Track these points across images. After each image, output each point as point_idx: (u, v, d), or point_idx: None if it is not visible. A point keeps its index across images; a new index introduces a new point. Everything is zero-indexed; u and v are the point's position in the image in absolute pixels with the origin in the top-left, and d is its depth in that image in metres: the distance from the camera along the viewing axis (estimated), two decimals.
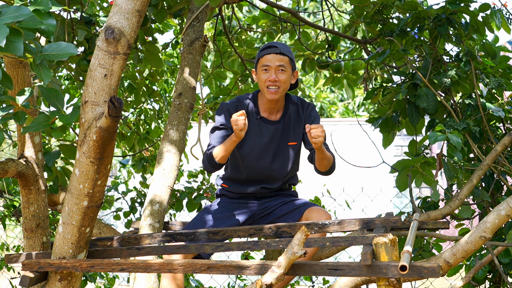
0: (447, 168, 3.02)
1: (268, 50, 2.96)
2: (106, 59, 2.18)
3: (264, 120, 3.02)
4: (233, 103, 3.03)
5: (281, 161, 3.04)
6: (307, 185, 4.43)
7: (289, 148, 3.04)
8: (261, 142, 3.01)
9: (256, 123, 3.01)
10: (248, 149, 3.00)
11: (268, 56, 2.95)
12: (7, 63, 2.71)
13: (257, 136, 3.00)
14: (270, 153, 3.02)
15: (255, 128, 3.01)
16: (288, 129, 3.03)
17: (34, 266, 2.51)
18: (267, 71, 2.94)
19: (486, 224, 2.47)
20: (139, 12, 2.18)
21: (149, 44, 3.94)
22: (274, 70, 2.93)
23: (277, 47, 2.96)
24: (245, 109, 3.01)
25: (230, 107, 3.00)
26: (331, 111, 16.00)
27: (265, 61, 2.95)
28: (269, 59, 2.94)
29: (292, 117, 3.04)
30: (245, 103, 3.03)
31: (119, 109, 2.15)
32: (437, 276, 2.20)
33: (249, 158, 3.01)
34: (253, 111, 3.02)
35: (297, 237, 2.20)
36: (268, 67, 2.94)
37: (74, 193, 2.35)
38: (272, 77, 2.92)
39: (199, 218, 3.03)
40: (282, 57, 2.95)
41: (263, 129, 3.01)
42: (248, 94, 3.10)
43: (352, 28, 4.21)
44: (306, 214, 2.98)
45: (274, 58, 2.94)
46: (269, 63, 2.94)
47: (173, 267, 2.42)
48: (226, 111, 2.99)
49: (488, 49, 3.39)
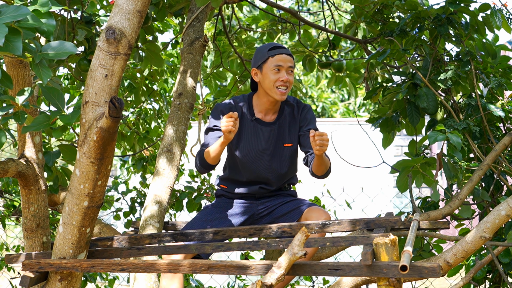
0: (447, 168, 3.02)
1: (280, 50, 2.94)
2: (107, 59, 2.18)
3: (259, 122, 3.01)
4: (227, 105, 3.01)
5: (277, 163, 3.03)
6: (307, 185, 4.43)
7: (284, 150, 3.03)
8: (257, 144, 3.00)
9: (251, 124, 3.00)
10: (244, 151, 3.00)
11: (280, 56, 2.93)
12: (7, 62, 2.71)
13: (252, 138, 2.99)
14: (266, 155, 3.01)
15: (250, 129, 2.99)
16: (284, 131, 3.02)
17: (34, 266, 2.51)
18: (279, 71, 2.93)
19: (486, 224, 2.47)
20: (140, 12, 2.18)
21: (150, 43, 3.94)
22: (285, 70, 2.93)
23: (285, 48, 2.97)
24: (239, 111, 3.00)
25: (224, 108, 2.99)
26: (332, 112, 16.00)
27: (278, 61, 2.93)
28: (282, 59, 2.93)
29: (288, 119, 3.03)
30: (240, 104, 3.01)
31: (120, 110, 2.15)
32: (438, 276, 2.20)
33: (245, 160, 3.01)
34: (248, 113, 3.00)
35: (297, 238, 2.20)
36: (280, 67, 2.92)
37: (74, 193, 2.35)
38: (285, 77, 2.92)
39: (199, 218, 3.03)
40: (291, 59, 2.97)
41: (258, 131, 3.00)
42: (244, 95, 3.08)
43: (352, 28, 4.21)
44: (306, 214, 2.98)
45: (286, 58, 2.94)
46: (282, 63, 2.93)
47: (173, 267, 2.42)
48: (219, 112, 2.98)
49: (488, 48, 3.39)
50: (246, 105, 3.02)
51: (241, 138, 2.99)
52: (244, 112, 3.00)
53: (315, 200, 4.47)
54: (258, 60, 2.98)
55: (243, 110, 3.00)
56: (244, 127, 2.99)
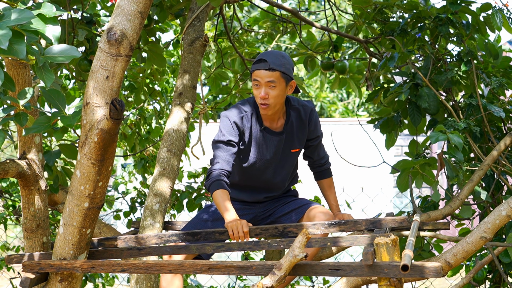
0: (447, 168, 3.02)
1: (258, 65, 2.83)
2: (108, 60, 2.17)
3: (268, 131, 2.94)
4: (238, 115, 2.90)
5: (284, 170, 3.03)
6: (307, 185, 4.42)
7: (292, 155, 3.02)
8: (266, 154, 2.96)
9: (260, 134, 2.94)
10: (252, 161, 2.96)
11: (258, 72, 2.83)
12: (7, 63, 2.71)
13: (261, 148, 2.95)
14: (273, 164, 2.99)
15: (259, 139, 2.94)
16: (292, 137, 2.99)
17: (35, 267, 2.51)
18: (258, 86, 2.84)
19: (487, 225, 2.47)
20: (141, 14, 2.17)
21: (152, 44, 3.94)
22: (264, 86, 2.82)
23: (266, 61, 2.82)
24: (249, 120, 2.91)
25: (237, 119, 2.89)
26: (331, 111, 15.99)
27: (255, 76, 2.85)
28: (258, 75, 2.83)
29: (295, 124, 2.98)
30: (248, 113, 2.92)
31: (121, 112, 2.15)
32: (439, 276, 2.19)
33: (252, 169, 2.98)
34: (257, 122, 2.94)
35: (298, 240, 2.19)
36: (258, 82, 2.84)
37: (75, 194, 2.34)
38: (261, 94, 2.82)
39: (199, 218, 3.02)
40: (272, 73, 2.81)
41: (268, 141, 2.95)
42: (249, 99, 3.00)
43: (353, 28, 4.20)
44: (308, 213, 2.98)
45: (263, 74, 2.81)
46: (259, 79, 2.83)
47: (173, 267, 2.42)
48: (233, 124, 2.88)
49: (490, 49, 3.39)
50: (254, 114, 2.93)
51: (251, 148, 2.94)
52: (253, 122, 2.93)
53: (315, 200, 4.47)
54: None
55: (252, 119, 2.93)
56: (254, 138, 2.93)
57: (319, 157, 3.12)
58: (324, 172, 3.16)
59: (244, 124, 2.90)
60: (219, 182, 2.78)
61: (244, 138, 2.92)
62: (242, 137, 2.91)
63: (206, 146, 3.79)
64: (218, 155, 2.86)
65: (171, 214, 4.76)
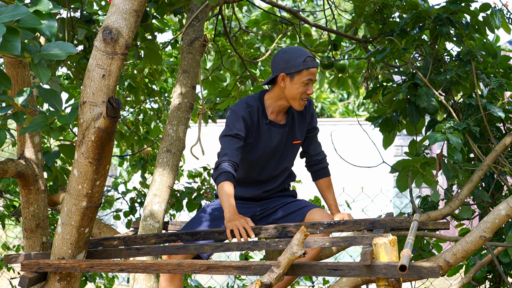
0: (447, 168, 3.01)
1: (314, 63, 2.93)
2: (104, 59, 2.17)
3: (273, 124, 3.01)
4: (245, 110, 2.95)
5: (285, 162, 3.08)
6: (307, 185, 4.42)
7: (294, 147, 3.08)
8: (270, 146, 3.01)
9: (266, 128, 2.99)
10: (258, 154, 3.00)
11: (313, 69, 2.92)
12: (7, 62, 2.71)
13: (267, 141, 3.00)
14: (277, 156, 3.05)
15: (265, 133, 2.99)
16: (294, 129, 3.05)
17: (33, 267, 2.50)
18: (308, 84, 2.92)
19: (486, 224, 2.47)
20: (136, 12, 2.17)
21: (149, 41, 3.93)
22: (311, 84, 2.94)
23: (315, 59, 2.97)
24: (256, 114, 2.97)
25: (244, 113, 2.93)
26: (331, 111, 15.99)
27: (311, 75, 2.91)
28: (314, 72, 2.93)
29: (296, 116, 3.05)
30: (254, 108, 2.97)
31: (117, 110, 2.15)
32: (437, 276, 2.19)
33: (257, 162, 3.02)
34: (262, 116, 2.99)
35: (296, 237, 2.19)
36: (311, 81, 2.92)
37: (73, 193, 2.34)
38: (311, 90, 2.92)
39: (198, 217, 3.02)
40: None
41: (272, 133, 3.00)
42: (254, 95, 3.04)
43: (352, 28, 4.20)
44: (308, 216, 2.98)
45: (316, 72, 2.94)
46: (313, 78, 2.93)
47: (172, 267, 2.42)
48: (241, 119, 2.92)
49: (489, 48, 3.38)
50: (260, 108, 2.99)
51: (257, 141, 2.99)
52: (259, 116, 2.98)
53: (315, 200, 4.47)
54: (290, 67, 2.90)
55: (259, 113, 2.98)
56: (260, 131, 2.98)
57: (316, 152, 3.15)
58: (321, 172, 3.16)
59: (251, 118, 2.96)
60: (227, 173, 2.82)
61: (252, 132, 2.97)
62: (249, 131, 2.96)
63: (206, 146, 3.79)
64: (227, 147, 2.90)
65: (170, 214, 4.75)
